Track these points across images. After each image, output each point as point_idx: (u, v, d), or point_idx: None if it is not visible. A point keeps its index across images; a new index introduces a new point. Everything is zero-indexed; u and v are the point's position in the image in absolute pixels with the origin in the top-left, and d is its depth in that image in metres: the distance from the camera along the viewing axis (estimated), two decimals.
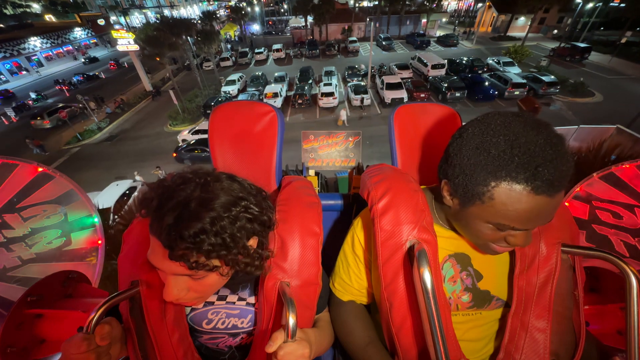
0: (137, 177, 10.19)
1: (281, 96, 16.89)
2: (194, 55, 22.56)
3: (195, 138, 13.33)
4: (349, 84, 18.08)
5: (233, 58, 28.50)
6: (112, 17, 34.09)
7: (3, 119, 19.70)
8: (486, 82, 16.76)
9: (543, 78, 16.03)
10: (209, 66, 25.03)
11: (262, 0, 48.19)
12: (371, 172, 0.86)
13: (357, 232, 0.86)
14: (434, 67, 19.42)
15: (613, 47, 22.14)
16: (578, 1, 25.43)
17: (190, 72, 24.02)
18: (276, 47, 28.82)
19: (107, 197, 8.23)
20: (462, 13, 44.32)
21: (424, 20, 34.33)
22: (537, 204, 0.55)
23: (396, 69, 20.08)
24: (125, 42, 19.80)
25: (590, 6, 26.18)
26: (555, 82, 15.88)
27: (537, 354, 0.69)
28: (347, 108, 15.02)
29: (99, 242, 1.32)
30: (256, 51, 28.83)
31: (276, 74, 20.52)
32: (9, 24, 34.43)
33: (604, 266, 0.85)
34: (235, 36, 39.08)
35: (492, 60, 20.47)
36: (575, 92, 16.21)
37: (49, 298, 0.92)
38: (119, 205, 7.68)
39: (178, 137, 14.40)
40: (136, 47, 19.03)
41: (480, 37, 30.22)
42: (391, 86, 16.29)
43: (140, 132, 16.76)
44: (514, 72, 17.84)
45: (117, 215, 4.15)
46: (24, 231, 1.17)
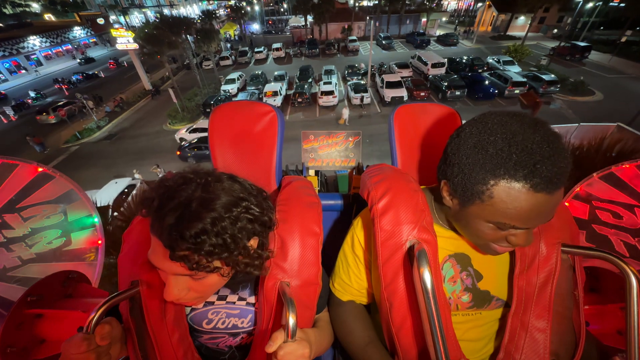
0: (136, 175, 10.19)
1: (281, 95, 16.88)
2: (193, 54, 22.51)
3: (193, 136, 13.36)
4: (349, 82, 18.05)
5: (233, 57, 28.40)
6: (112, 17, 34.02)
7: (2, 118, 19.67)
8: (486, 81, 16.74)
9: (543, 77, 16.01)
10: (209, 65, 24.94)
11: (262, 0, 48.12)
12: (371, 172, 0.86)
13: (356, 232, 0.86)
14: (434, 65, 19.39)
15: (613, 46, 22.13)
16: (578, 0, 25.41)
17: (190, 71, 23.98)
18: (276, 46, 28.72)
19: (106, 194, 8.24)
20: (462, 12, 44.27)
21: (424, 19, 34.30)
22: (537, 202, 0.54)
23: (396, 68, 20.05)
24: (125, 40, 19.80)
25: (590, 6, 26.16)
26: (556, 81, 15.87)
27: (537, 354, 0.69)
28: (348, 107, 15.02)
29: (99, 242, 1.32)
30: (256, 50, 28.73)
31: (276, 73, 20.49)
32: (8, 23, 34.32)
33: (604, 266, 0.85)
34: (235, 35, 38.98)
35: (492, 59, 20.42)
36: (575, 91, 16.21)
37: (49, 298, 0.92)
38: (117, 202, 7.69)
39: (176, 136, 14.36)
40: (135, 46, 18.99)
41: (480, 37, 30.19)
42: (391, 85, 16.26)
43: (139, 131, 16.73)
44: (514, 71, 17.82)
45: (116, 212, 4.17)
46: (24, 231, 1.17)
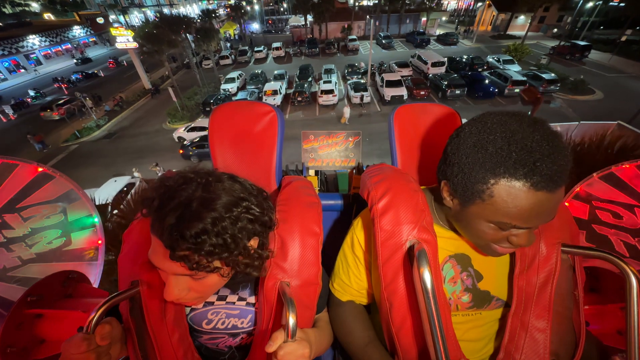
0: (136, 174, 10.21)
1: (281, 94, 16.88)
2: (193, 54, 22.47)
3: (191, 135, 13.45)
4: (349, 81, 18.05)
5: (232, 56, 28.36)
6: (112, 16, 33.98)
7: (1, 117, 19.64)
8: (486, 80, 16.72)
9: (543, 75, 16.01)
10: (209, 64, 24.90)
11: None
12: (371, 172, 0.85)
13: (356, 233, 0.85)
14: (434, 64, 19.38)
15: (613, 45, 22.10)
16: (578, 0, 25.37)
17: (190, 70, 23.94)
18: (276, 45, 28.68)
19: (104, 193, 8.24)
20: (461, 12, 44.21)
21: (424, 19, 34.27)
22: (538, 200, 0.54)
23: (396, 67, 20.03)
24: (124, 39, 19.77)
25: (590, 5, 26.12)
26: (556, 80, 15.86)
27: (537, 354, 0.69)
28: (349, 106, 15.03)
29: (99, 242, 1.31)
30: (256, 49, 28.70)
31: (276, 72, 20.48)
32: (8, 23, 34.25)
33: (604, 266, 0.85)
34: (234, 35, 38.92)
35: (492, 58, 20.40)
36: (575, 90, 16.21)
37: (49, 298, 0.92)
38: (116, 201, 7.68)
39: (174, 135, 14.33)
40: (135, 45, 18.97)
41: (480, 36, 30.16)
42: (391, 83, 16.26)
43: (139, 130, 16.72)
44: (514, 70, 17.82)
45: (115, 210, 4.19)
46: (24, 231, 1.16)
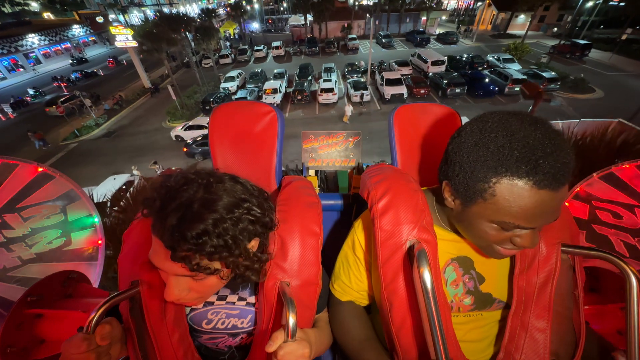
0: (135, 172, 10.24)
1: (280, 92, 16.87)
2: (193, 53, 22.42)
3: (188, 134, 13.56)
4: (349, 80, 18.03)
5: (232, 55, 28.29)
6: (111, 15, 33.93)
7: (0, 116, 19.61)
8: (486, 79, 16.73)
9: (543, 74, 16.02)
10: (208, 63, 24.84)
11: None
12: (371, 172, 0.85)
13: (357, 234, 0.85)
14: (434, 63, 19.38)
15: (613, 44, 22.09)
16: None
17: (189, 69, 23.90)
18: (275, 44, 28.62)
19: (103, 190, 8.26)
20: (461, 11, 44.12)
21: (424, 18, 34.22)
22: (541, 199, 0.53)
23: (396, 66, 20.03)
24: (124, 38, 19.72)
25: (590, 4, 26.07)
26: (556, 79, 15.87)
27: (537, 354, 0.69)
28: (351, 104, 15.02)
29: (99, 242, 1.31)
30: (255, 49, 28.68)
31: (275, 71, 20.47)
32: (7, 22, 34.15)
33: (604, 266, 0.85)
34: (234, 34, 38.86)
35: (492, 57, 20.39)
36: (575, 89, 16.21)
37: (49, 298, 0.92)
38: (115, 198, 7.68)
39: (171, 134, 14.31)
40: (134, 43, 18.94)
41: (480, 35, 30.12)
42: (391, 82, 16.27)
43: (138, 128, 16.71)
44: (514, 69, 17.80)
45: (115, 207, 4.19)
46: (24, 231, 1.16)
